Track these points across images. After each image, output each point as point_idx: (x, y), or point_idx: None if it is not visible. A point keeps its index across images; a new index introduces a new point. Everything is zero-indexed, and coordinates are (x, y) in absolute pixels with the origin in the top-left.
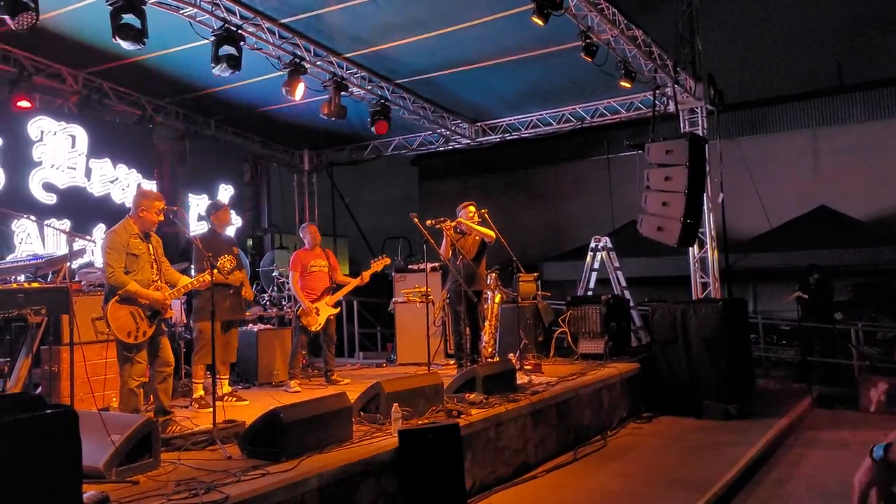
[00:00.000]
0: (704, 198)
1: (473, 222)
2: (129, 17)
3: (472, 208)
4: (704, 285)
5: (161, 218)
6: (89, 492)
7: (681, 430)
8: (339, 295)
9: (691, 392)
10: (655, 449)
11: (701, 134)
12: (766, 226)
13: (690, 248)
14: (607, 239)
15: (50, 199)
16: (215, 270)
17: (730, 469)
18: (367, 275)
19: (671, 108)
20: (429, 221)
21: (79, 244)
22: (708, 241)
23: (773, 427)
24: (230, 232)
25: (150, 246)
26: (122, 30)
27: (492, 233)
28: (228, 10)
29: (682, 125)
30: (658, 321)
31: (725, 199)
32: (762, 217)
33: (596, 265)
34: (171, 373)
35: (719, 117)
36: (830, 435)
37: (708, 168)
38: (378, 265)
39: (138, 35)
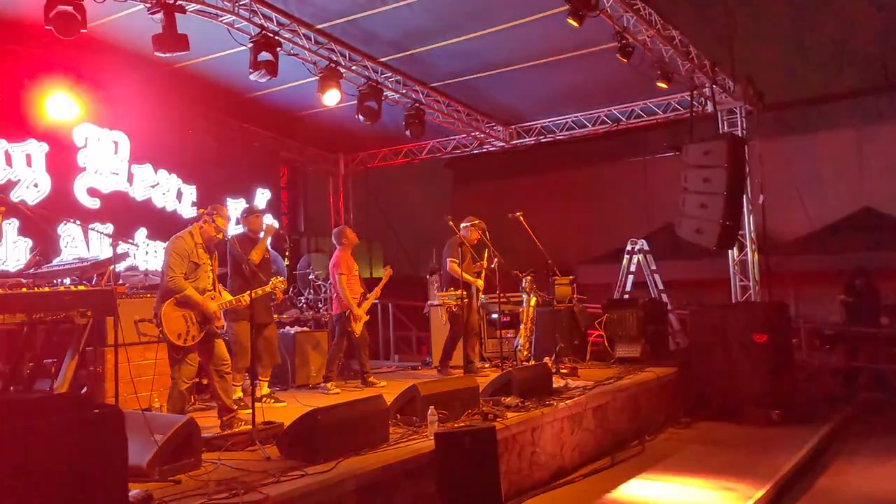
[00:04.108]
0: (744, 199)
1: (473, 241)
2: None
3: (473, 230)
4: (744, 288)
5: (221, 236)
6: (134, 490)
7: (721, 436)
8: (368, 304)
9: (731, 397)
10: (695, 455)
11: (740, 134)
12: (808, 228)
13: (730, 251)
14: (644, 241)
15: (94, 203)
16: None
17: (773, 476)
18: (379, 290)
19: (709, 108)
20: (463, 224)
21: (122, 247)
22: (748, 243)
23: (817, 434)
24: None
25: (212, 257)
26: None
27: (480, 283)
28: (265, 17)
29: (720, 126)
30: (697, 325)
31: (766, 201)
32: (804, 219)
33: (632, 268)
34: (228, 370)
35: (759, 117)
36: (878, 442)
37: (748, 169)
38: (385, 276)
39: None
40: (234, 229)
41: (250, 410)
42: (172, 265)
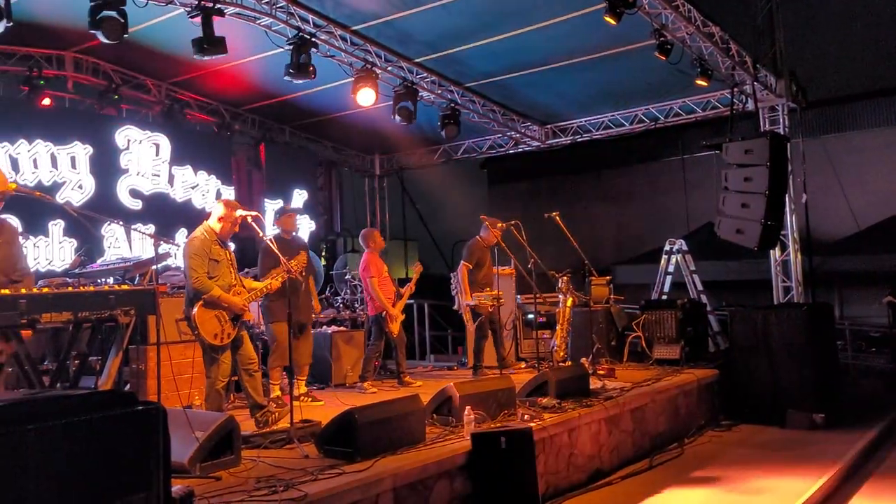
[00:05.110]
0: (787, 199)
1: (491, 244)
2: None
3: (492, 232)
4: (787, 289)
5: (237, 230)
6: (176, 486)
7: (763, 440)
8: (403, 303)
9: (773, 400)
10: (736, 458)
11: (782, 132)
12: (853, 227)
13: (772, 251)
14: (682, 241)
15: (136, 204)
16: (286, 272)
17: (817, 481)
18: (412, 287)
19: (750, 106)
20: (499, 224)
21: (163, 248)
22: (790, 243)
23: (863, 438)
24: (303, 236)
25: (229, 251)
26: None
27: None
28: (302, 19)
29: (762, 124)
30: (738, 326)
31: (810, 200)
32: (849, 218)
33: (671, 268)
34: (256, 368)
35: (802, 115)
36: None
37: (790, 168)
38: (416, 273)
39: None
40: (272, 230)
41: (288, 409)
42: (194, 266)
